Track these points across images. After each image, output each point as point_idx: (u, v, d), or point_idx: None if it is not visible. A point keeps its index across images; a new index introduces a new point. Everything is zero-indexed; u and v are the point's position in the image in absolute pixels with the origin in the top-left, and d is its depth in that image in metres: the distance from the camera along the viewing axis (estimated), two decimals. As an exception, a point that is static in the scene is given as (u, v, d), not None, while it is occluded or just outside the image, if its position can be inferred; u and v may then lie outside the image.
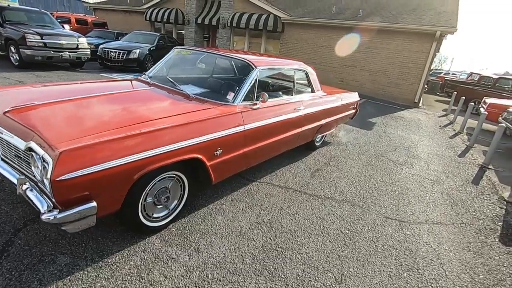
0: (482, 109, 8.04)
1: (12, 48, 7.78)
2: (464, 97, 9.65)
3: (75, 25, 14.34)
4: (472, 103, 8.60)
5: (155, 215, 2.22)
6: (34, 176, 1.69)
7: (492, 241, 2.88)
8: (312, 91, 3.99)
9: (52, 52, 7.92)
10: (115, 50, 9.80)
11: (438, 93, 17.83)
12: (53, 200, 1.55)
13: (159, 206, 2.23)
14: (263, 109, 2.92)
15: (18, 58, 7.71)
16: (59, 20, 11.19)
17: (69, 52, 8.36)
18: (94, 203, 1.65)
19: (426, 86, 18.19)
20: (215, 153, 2.37)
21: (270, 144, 3.06)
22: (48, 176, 1.48)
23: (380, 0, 14.46)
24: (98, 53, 10.02)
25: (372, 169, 4.24)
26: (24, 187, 1.66)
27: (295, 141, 3.73)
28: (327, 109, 4.19)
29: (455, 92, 11.00)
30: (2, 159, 1.97)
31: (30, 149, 1.63)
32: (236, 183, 3.21)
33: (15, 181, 1.76)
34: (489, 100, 8.52)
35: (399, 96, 11.57)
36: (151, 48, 10.77)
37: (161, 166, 1.96)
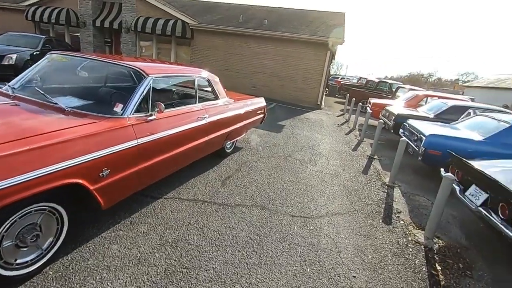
0: (368, 108, 9.49)
1: None
2: (354, 98, 11.23)
3: None
4: (361, 103, 10.09)
5: (19, 261, 1.78)
6: None
7: (377, 222, 3.34)
8: (217, 98, 3.95)
9: None
10: (-19, 55, 7.91)
11: (337, 95, 20.35)
12: None
13: (24, 249, 1.80)
14: (161, 120, 2.72)
15: None
16: None
17: None
18: None
19: (327, 89, 20.59)
20: (100, 174, 2.06)
21: (172, 157, 2.87)
22: None
23: (281, 12, 15.72)
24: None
25: (280, 170, 4.46)
26: None
27: (202, 150, 3.62)
28: (234, 116, 4.22)
29: (348, 94, 12.72)
30: None
31: None
32: (137, 203, 2.90)
33: None
34: (373, 100, 10.13)
35: (304, 99, 12.73)
36: (34, 53, 9.10)
37: (18, 200, 1.57)
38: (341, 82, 21.30)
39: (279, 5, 20.13)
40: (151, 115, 2.60)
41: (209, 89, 3.92)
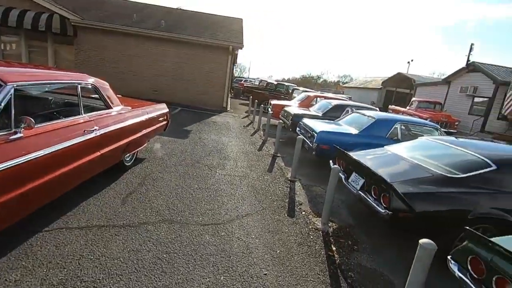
0: (269, 109, 10.21)
1: None
2: (257, 100, 11.90)
3: None
4: (263, 105, 10.76)
5: None
6: None
7: (283, 217, 3.61)
8: (108, 107, 3.52)
9: None
10: None
11: (241, 97, 21.15)
12: None
13: None
14: (31, 139, 2.23)
15: None
16: None
17: None
18: None
19: (231, 92, 21.18)
20: None
21: (51, 181, 2.40)
22: None
23: (180, 14, 15.31)
24: None
25: (189, 178, 4.31)
26: None
27: (94, 168, 3.16)
28: (132, 125, 3.85)
29: (251, 96, 13.39)
30: None
31: None
32: (7, 242, 2.31)
33: None
34: (273, 102, 10.96)
35: (210, 103, 12.74)
36: None
37: None
38: (244, 85, 22.26)
39: (177, 6, 19.53)
40: (15, 132, 2.10)
41: (97, 97, 3.45)
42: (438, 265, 2.11)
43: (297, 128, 6.78)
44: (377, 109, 9.19)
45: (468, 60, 16.49)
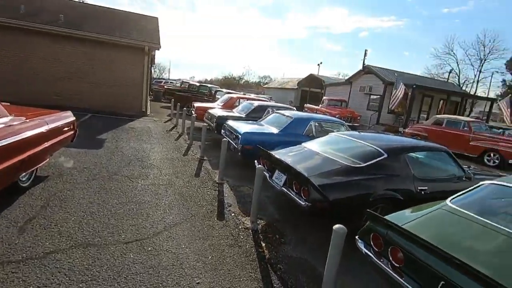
0: (193, 112, 9.99)
1: None
2: (179, 103, 11.50)
3: None
4: (186, 108, 10.47)
5: None
6: None
7: (213, 221, 3.60)
8: (-9, 119, 2.91)
9: None
10: None
11: (162, 100, 20.08)
12: None
13: None
14: None
15: None
16: None
17: None
18: None
19: (151, 94, 19.93)
20: None
21: None
22: None
23: (83, 9, 13.63)
24: None
25: (106, 193, 3.90)
26: None
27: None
28: (26, 139, 3.26)
29: (173, 99, 12.86)
30: None
31: None
32: None
33: None
34: (196, 104, 10.76)
35: (127, 107, 11.72)
36: None
37: None
38: (165, 87, 21.21)
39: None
40: None
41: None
42: (353, 245, 2.43)
43: (222, 130, 6.84)
44: (294, 108, 9.98)
45: (363, 64, 19.30)
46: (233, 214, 3.87)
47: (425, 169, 4.04)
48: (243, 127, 5.91)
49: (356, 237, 2.41)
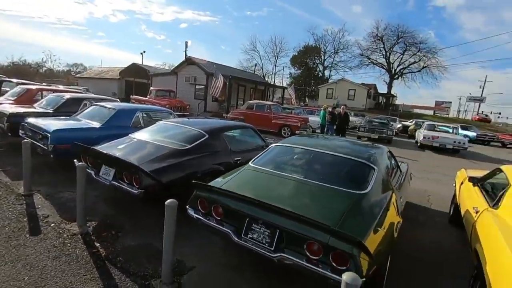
0: None
1: None
2: None
3: None
4: None
5: None
6: None
7: (25, 239, 2.98)
8: None
9: None
10: None
11: None
12: None
13: None
14: None
15: None
16: None
17: None
18: None
19: None
20: None
21: None
22: None
23: None
24: None
25: None
26: None
27: None
28: None
29: None
30: None
31: None
32: None
33: None
34: None
35: None
36: None
37: None
38: None
39: None
40: None
41: None
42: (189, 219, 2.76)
43: (21, 131, 5.43)
44: (118, 100, 9.24)
45: (186, 55, 20.20)
46: (52, 225, 3.32)
47: (238, 144, 4.99)
48: (53, 124, 4.95)
49: (186, 206, 2.77)
